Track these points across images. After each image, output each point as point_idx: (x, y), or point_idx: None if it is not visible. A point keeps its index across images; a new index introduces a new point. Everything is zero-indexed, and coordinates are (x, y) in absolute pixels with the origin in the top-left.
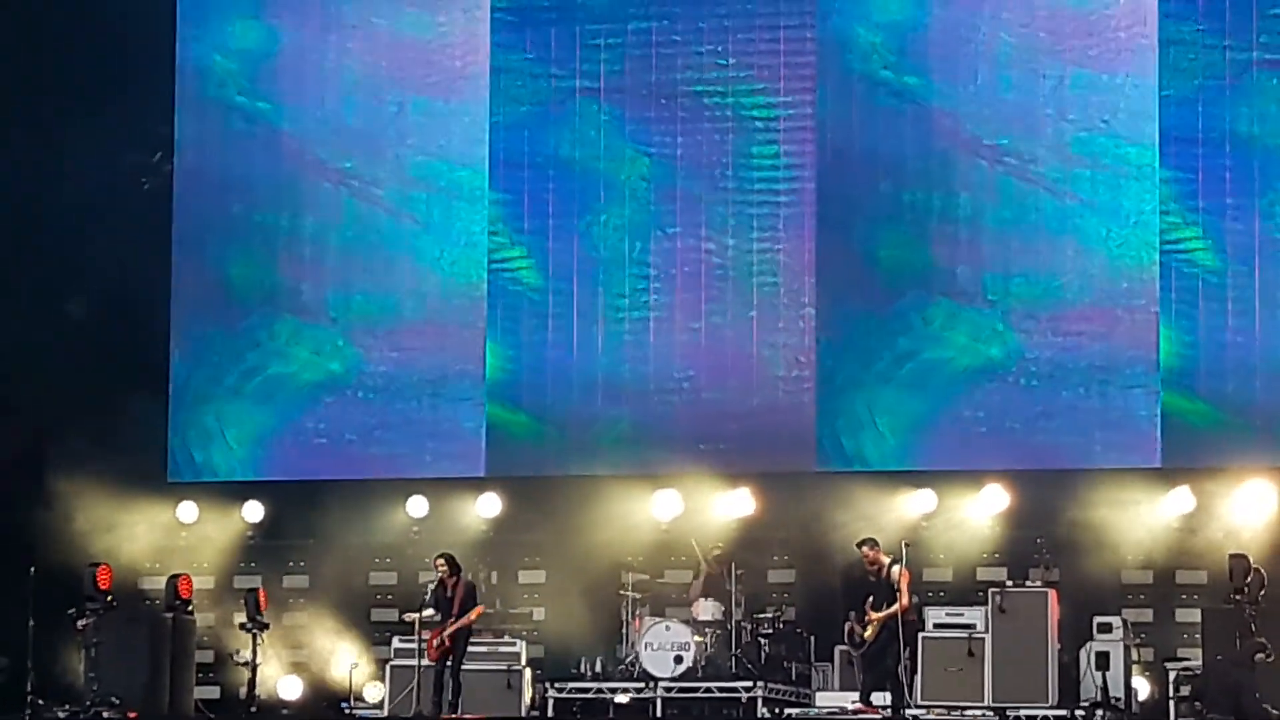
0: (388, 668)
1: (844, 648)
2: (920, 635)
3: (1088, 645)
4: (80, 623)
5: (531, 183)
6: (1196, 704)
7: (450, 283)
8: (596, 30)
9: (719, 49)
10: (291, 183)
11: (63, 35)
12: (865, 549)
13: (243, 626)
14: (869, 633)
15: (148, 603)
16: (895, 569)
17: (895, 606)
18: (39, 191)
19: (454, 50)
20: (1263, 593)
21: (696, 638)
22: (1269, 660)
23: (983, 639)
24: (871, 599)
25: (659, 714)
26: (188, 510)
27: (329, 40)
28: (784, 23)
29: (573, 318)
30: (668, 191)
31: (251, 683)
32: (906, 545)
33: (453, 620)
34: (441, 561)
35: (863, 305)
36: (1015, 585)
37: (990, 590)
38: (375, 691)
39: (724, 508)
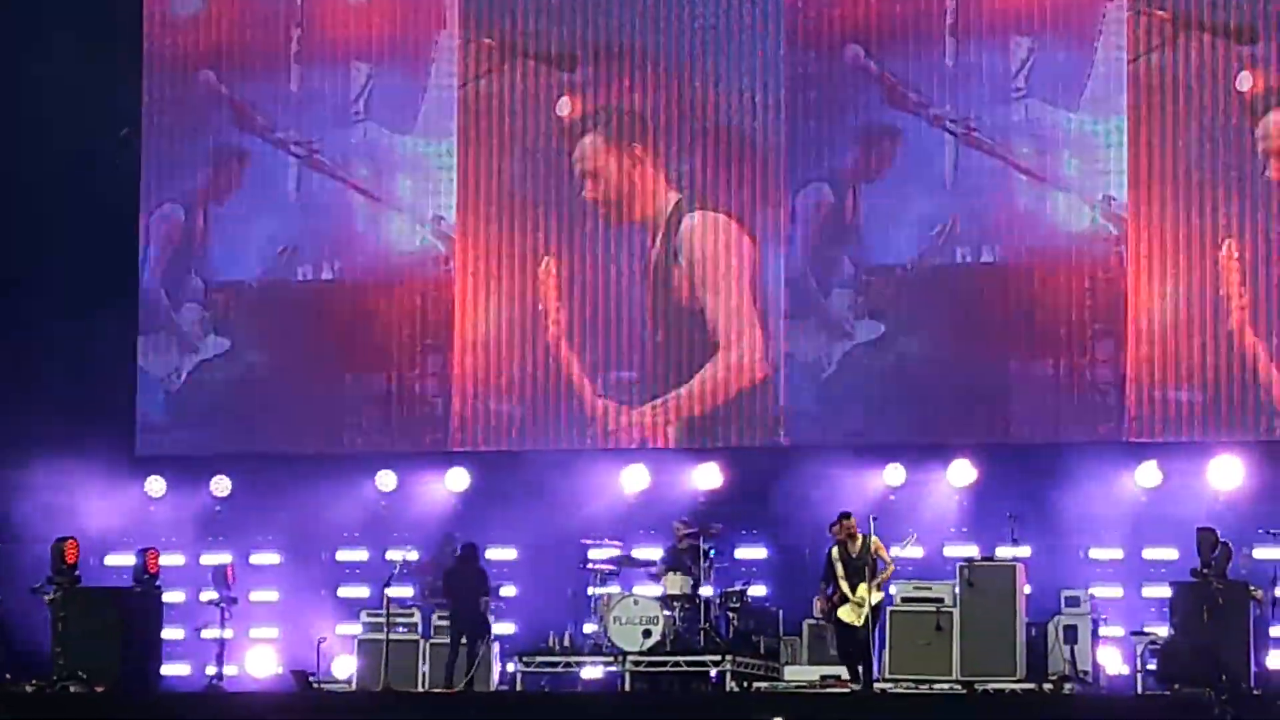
0: (356, 642)
1: (812, 621)
2: (888, 609)
3: (1055, 619)
4: (47, 597)
5: (497, 154)
6: (1168, 678)
7: (419, 255)
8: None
9: (685, 19)
10: (258, 157)
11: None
12: (846, 520)
13: (211, 601)
14: (861, 621)
15: (115, 577)
16: (872, 540)
17: (886, 571)
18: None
19: (420, 21)
20: (1230, 566)
21: (665, 612)
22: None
23: (951, 613)
24: (846, 574)
25: (627, 688)
26: (156, 484)
27: (294, 11)
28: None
29: (537, 292)
30: (634, 165)
31: (220, 658)
32: (874, 519)
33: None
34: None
35: (832, 279)
36: (983, 560)
37: (958, 564)
38: (344, 666)
39: (692, 482)
